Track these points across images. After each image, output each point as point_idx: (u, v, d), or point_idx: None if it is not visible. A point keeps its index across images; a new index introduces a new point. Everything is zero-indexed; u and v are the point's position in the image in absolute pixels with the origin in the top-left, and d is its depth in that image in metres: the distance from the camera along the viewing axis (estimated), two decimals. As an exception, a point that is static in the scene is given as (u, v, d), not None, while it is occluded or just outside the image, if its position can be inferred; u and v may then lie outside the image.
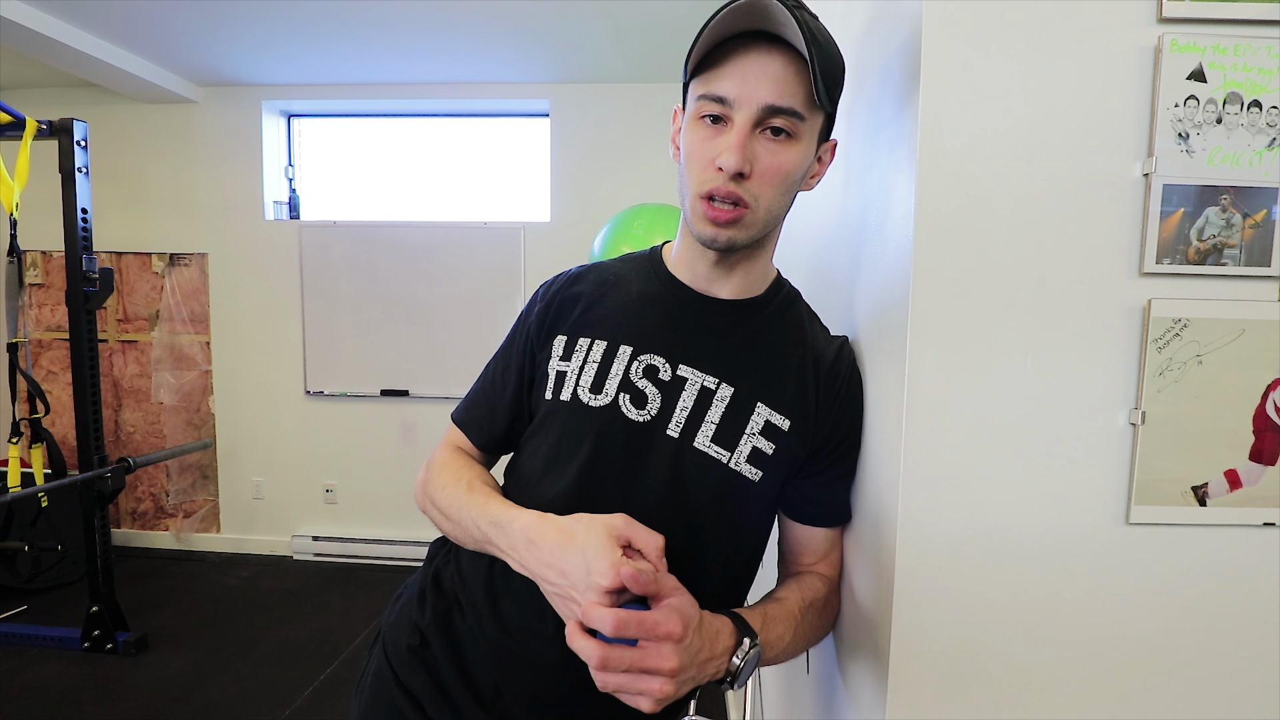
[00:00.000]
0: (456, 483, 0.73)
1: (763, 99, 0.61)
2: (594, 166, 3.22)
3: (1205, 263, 0.56)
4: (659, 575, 0.56)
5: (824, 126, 0.67)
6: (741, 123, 0.61)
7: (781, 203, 0.67)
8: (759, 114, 0.61)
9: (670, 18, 2.44)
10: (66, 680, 2.30)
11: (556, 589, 0.59)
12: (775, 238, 0.73)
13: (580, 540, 0.58)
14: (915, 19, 0.58)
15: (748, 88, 0.61)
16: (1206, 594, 0.59)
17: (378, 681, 0.76)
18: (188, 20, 2.54)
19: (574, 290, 0.76)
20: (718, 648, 0.59)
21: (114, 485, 2.49)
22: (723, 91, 0.62)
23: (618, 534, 0.58)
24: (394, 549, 3.35)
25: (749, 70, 0.61)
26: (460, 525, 0.70)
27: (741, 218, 0.64)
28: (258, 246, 3.34)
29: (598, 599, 0.55)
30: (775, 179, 0.64)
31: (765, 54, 0.61)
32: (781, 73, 0.60)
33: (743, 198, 0.63)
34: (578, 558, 0.57)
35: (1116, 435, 0.58)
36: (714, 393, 0.69)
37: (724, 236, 0.65)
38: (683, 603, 0.56)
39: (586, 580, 0.56)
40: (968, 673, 0.60)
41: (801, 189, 0.70)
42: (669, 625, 0.54)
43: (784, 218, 0.70)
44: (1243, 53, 0.54)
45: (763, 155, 0.62)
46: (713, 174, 0.63)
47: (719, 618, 0.62)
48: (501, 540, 0.65)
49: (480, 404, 0.80)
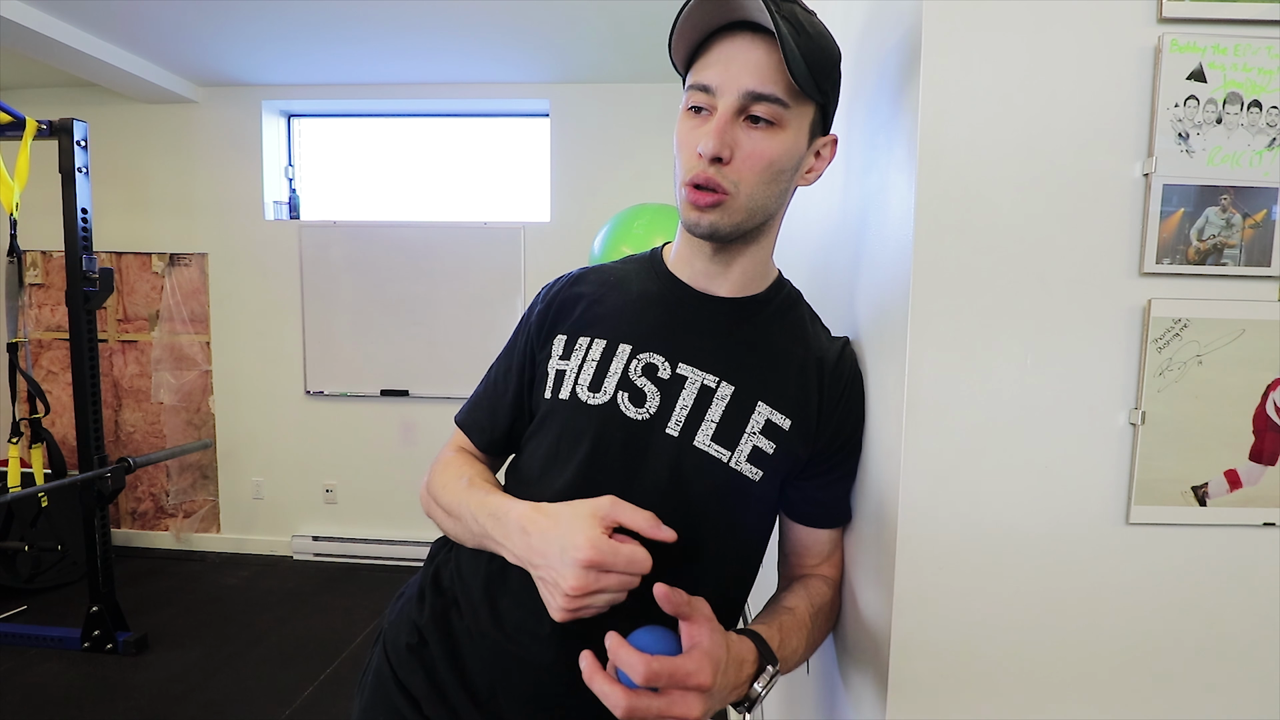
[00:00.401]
0: (457, 479, 0.73)
1: (743, 85, 0.61)
2: (594, 166, 3.22)
3: (1205, 263, 0.56)
4: (692, 600, 0.55)
5: (817, 118, 0.67)
6: (723, 110, 0.62)
7: (767, 192, 0.66)
8: (740, 100, 0.62)
9: (670, 18, 2.43)
10: (66, 680, 2.30)
11: (541, 573, 0.59)
12: (773, 233, 0.73)
13: (564, 523, 0.58)
14: (915, 19, 0.58)
15: (729, 74, 0.62)
16: (1206, 594, 0.59)
17: (378, 680, 0.76)
18: (188, 20, 2.54)
19: (575, 291, 0.77)
20: (742, 675, 0.59)
21: (114, 485, 2.49)
22: (706, 80, 0.63)
23: (602, 514, 0.57)
24: (394, 549, 3.35)
25: (732, 57, 0.62)
26: (461, 521, 0.71)
27: (721, 203, 0.64)
28: (258, 246, 3.34)
29: (574, 576, 0.54)
30: (756, 166, 0.64)
31: (748, 42, 0.62)
32: (763, 60, 0.61)
33: (721, 184, 0.64)
34: (558, 539, 0.57)
35: (1116, 435, 0.58)
36: (714, 391, 0.69)
37: (705, 221, 0.65)
38: (714, 644, 0.55)
39: (563, 558, 0.56)
40: (968, 672, 0.60)
41: (800, 183, 0.70)
42: (700, 676, 0.52)
43: (778, 210, 0.70)
44: (1243, 53, 0.54)
45: (744, 142, 0.63)
46: (696, 161, 0.64)
47: (744, 642, 0.61)
48: (498, 531, 0.65)
49: (482, 406, 0.80)
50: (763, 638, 0.63)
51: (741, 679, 0.59)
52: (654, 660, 0.51)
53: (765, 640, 0.63)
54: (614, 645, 0.53)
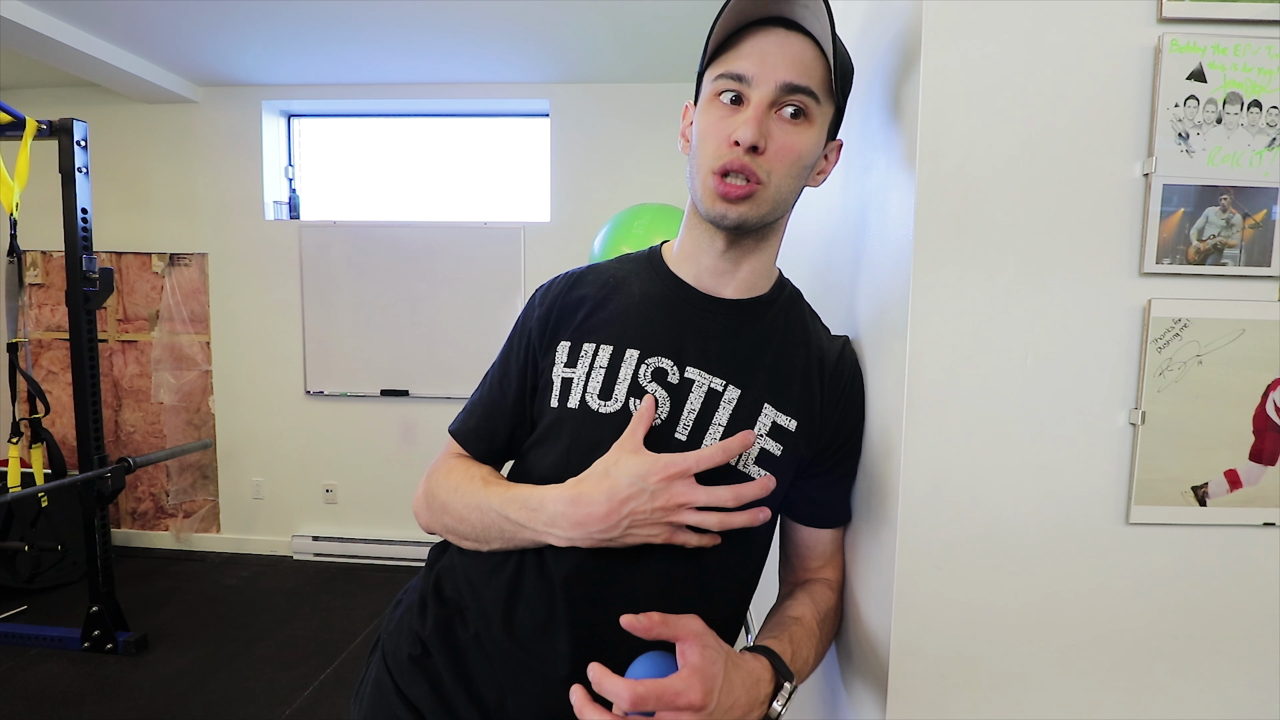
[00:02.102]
0: (470, 481, 0.71)
1: (781, 76, 0.61)
2: (594, 166, 3.22)
3: (1205, 263, 0.56)
4: (670, 619, 0.54)
5: (834, 121, 0.68)
6: (759, 99, 0.62)
7: (792, 186, 0.67)
8: (777, 92, 0.62)
9: (670, 18, 2.44)
10: (66, 680, 2.30)
11: (629, 518, 0.60)
12: (781, 232, 0.73)
13: (618, 465, 0.61)
14: (915, 18, 0.58)
15: (766, 66, 0.62)
16: (1206, 594, 0.59)
17: (378, 690, 0.74)
18: (188, 20, 2.54)
19: (575, 295, 0.74)
20: (759, 694, 0.57)
21: (114, 485, 2.49)
22: (741, 69, 0.63)
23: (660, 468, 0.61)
24: (394, 549, 3.35)
25: (768, 49, 0.62)
26: (482, 523, 0.68)
27: (754, 193, 0.64)
28: (258, 246, 3.34)
29: (681, 480, 0.60)
30: (789, 158, 0.64)
31: (783, 37, 0.62)
32: (800, 54, 0.62)
33: (756, 173, 0.63)
34: (626, 476, 0.60)
35: (1116, 435, 0.58)
36: (721, 394, 0.69)
37: (734, 213, 0.65)
38: (706, 660, 0.53)
39: (652, 478, 0.60)
40: (968, 672, 0.60)
41: (808, 184, 0.70)
42: (690, 695, 0.51)
43: (791, 208, 0.71)
44: (1243, 53, 0.54)
45: (778, 134, 0.63)
46: (728, 149, 0.63)
47: (758, 660, 0.60)
48: (537, 521, 0.63)
49: (478, 414, 0.78)
50: (776, 653, 0.62)
51: (759, 697, 0.57)
52: (638, 684, 0.50)
53: (779, 655, 0.62)
54: (597, 676, 0.51)
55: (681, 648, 0.54)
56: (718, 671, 0.53)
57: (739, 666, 0.57)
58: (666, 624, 0.53)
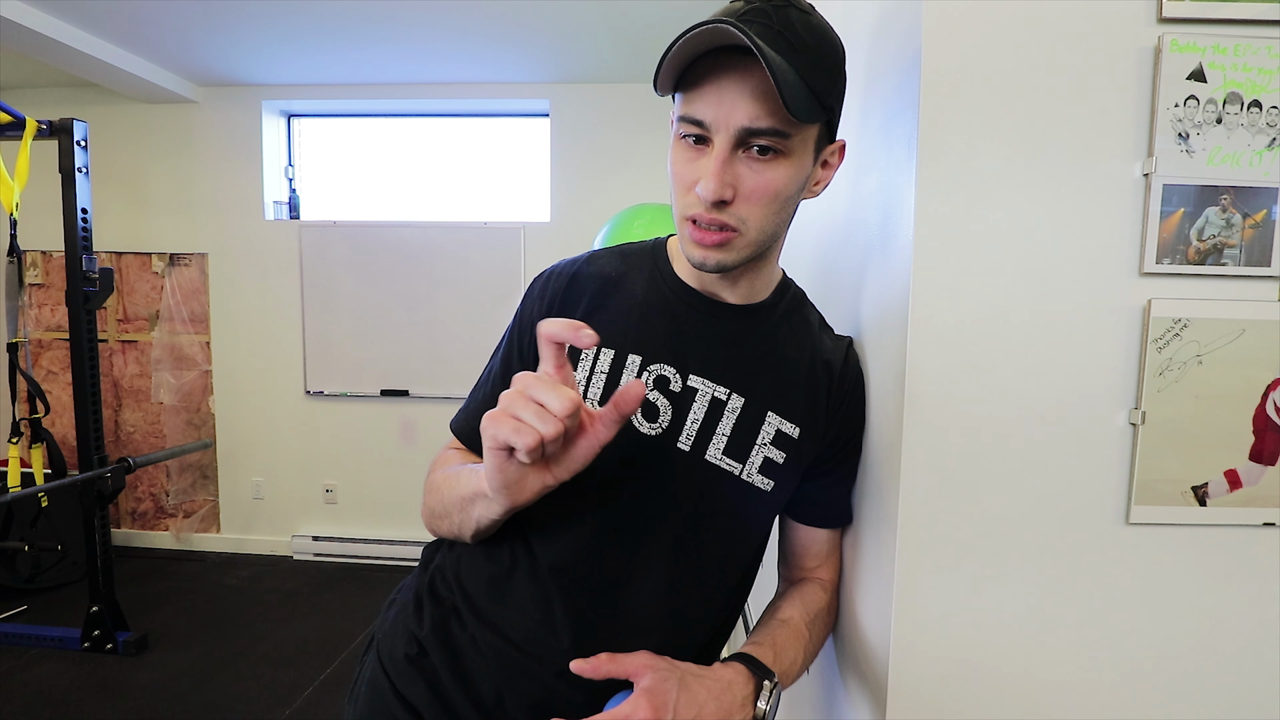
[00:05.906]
0: (444, 477, 0.71)
1: (739, 122, 0.57)
2: (594, 166, 3.21)
3: (1205, 263, 0.56)
4: (617, 657, 0.58)
5: (823, 132, 0.63)
6: (720, 147, 0.58)
7: (776, 220, 0.63)
8: (737, 137, 0.57)
9: (671, 18, 2.44)
10: (66, 680, 2.30)
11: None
12: (780, 246, 0.71)
13: None
14: (915, 19, 0.58)
15: (724, 110, 0.57)
16: (1206, 594, 0.59)
17: (373, 690, 0.73)
18: (188, 20, 2.54)
19: (574, 294, 0.73)
20: (734, 698, 0.59)
21: (114, 485, 2.49)
22: (699, 115, 0.58)
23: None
24: (394, 549, 3.35)
25: (725, 91, 0.57)
26: (457, 511, 0.66)
27: (729, 241, 0.61)
28: (258, 246, 3.34)
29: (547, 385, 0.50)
30: (763, 199, 0.60)
31: (742, 72, 0.56)
32: (760, 90, 0.56)
33: (728, 223, 0.60)
34: None
35: (1116, 435, 0.58)
36: (725, 404, 0.68)
37: (712, 260, 0.62)
38: (655, 680, 0.57)
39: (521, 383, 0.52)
40: (968, 673, 0.60)
41: (805, 197, 0.67)
42: (638, 714, 0.54)
43: (784, 231, 0.68)
44: (1243, 53, 0.54)
45: (747, 176, 0.59)
46: (694, 199, 0.60)
47: (730, 667, 0.61)
48: (485, 484, 0.59)
49: (478, 411, 0.75)
50: (753, 656, 0.64)
51: (735, 700, 0.59)
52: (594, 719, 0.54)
53: (756, 659, 0.63)
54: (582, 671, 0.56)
55: (634, 679, 0.58)
56: (670, 688, 0.57)
57: (703, 678, 0.60)
58: (615, 661, 0.58)
